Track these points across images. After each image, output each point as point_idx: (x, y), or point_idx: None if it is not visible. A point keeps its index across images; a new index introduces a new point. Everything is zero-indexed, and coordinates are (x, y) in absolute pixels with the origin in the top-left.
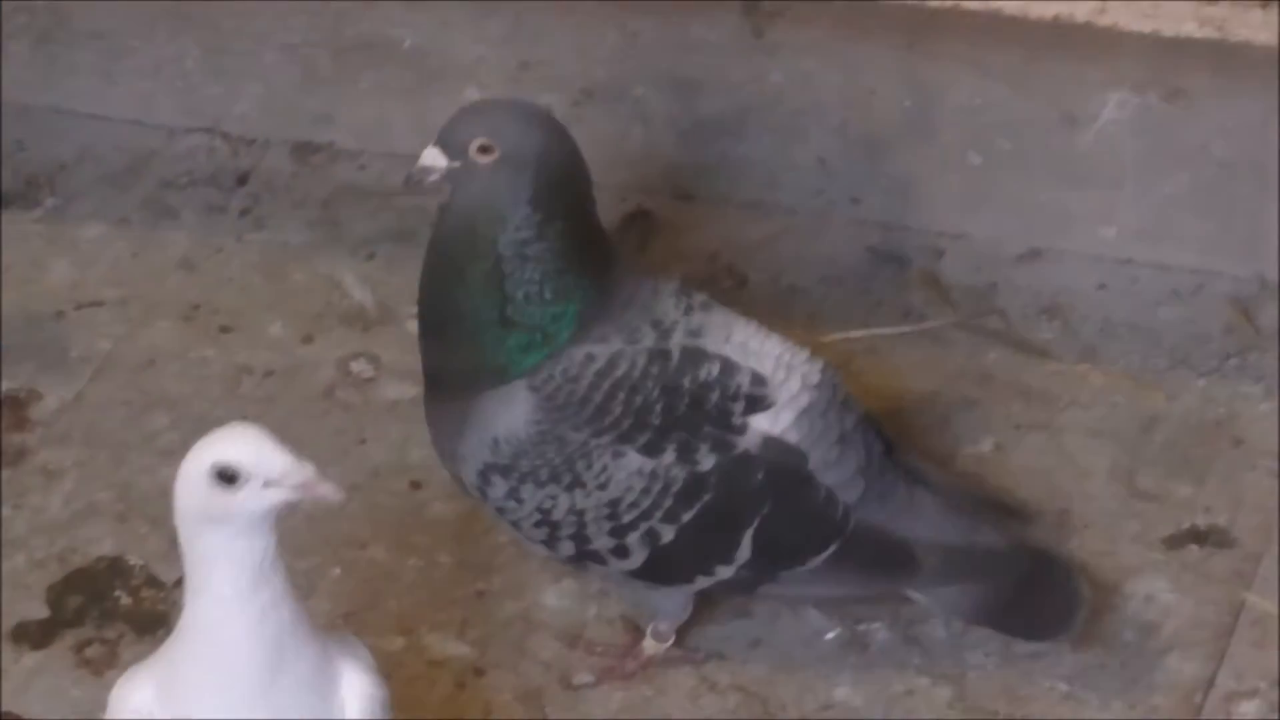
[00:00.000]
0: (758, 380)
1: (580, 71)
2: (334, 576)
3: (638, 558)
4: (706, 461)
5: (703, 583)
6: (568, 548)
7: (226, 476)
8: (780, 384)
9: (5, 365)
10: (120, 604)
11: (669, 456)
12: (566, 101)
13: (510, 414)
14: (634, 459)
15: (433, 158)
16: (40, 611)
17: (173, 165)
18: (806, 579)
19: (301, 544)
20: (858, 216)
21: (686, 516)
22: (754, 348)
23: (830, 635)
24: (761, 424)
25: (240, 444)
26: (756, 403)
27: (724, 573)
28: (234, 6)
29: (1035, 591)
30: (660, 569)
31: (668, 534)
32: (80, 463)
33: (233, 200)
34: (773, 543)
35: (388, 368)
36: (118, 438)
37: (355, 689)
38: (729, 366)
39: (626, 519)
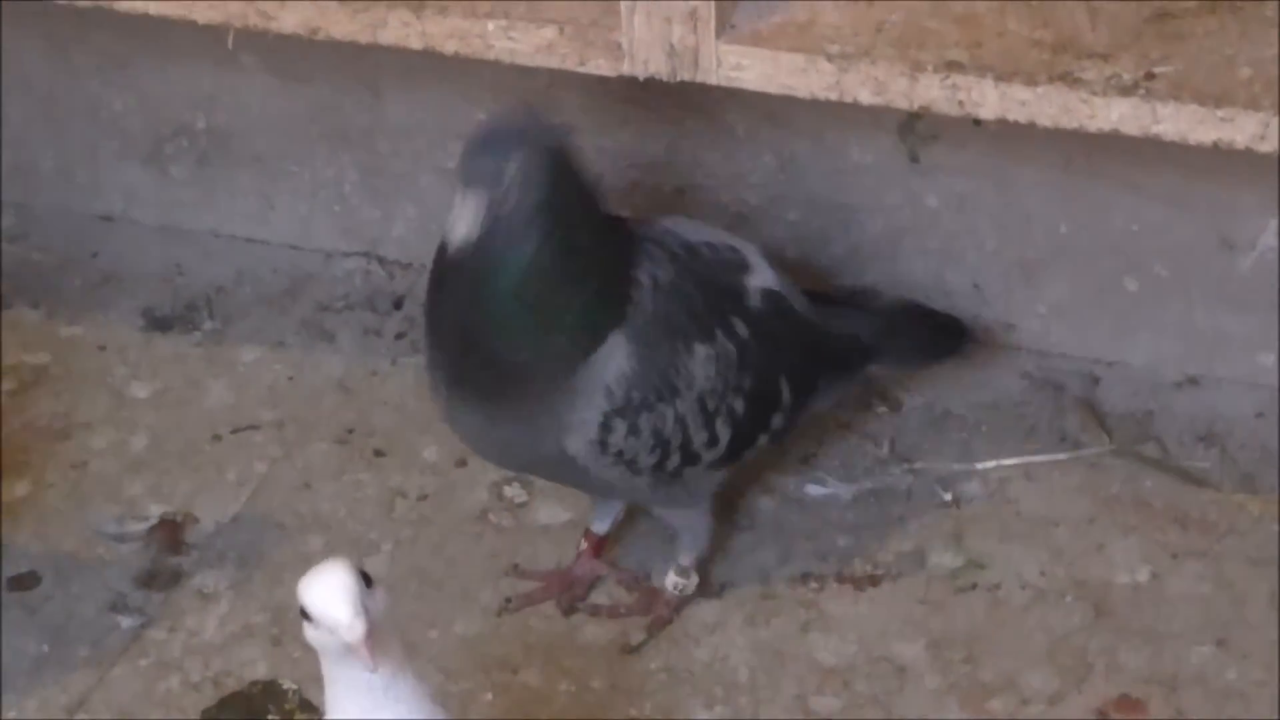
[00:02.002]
0: (731, 248)
1: (735, 196)
2: (486, 701)
3: (724, 438)
4: (742, 329)
5: (762, 440)
6: (675, 461)
7: (305, 615)
8: (740, 244)
9: (161, 488)
10: None
11: (720, 336)
12: (721, 225)
13: (615, 360)
14: (700, 350)
15: (477, 204)
16: None
17: (329, 288)
18: (818, 400)
19: (453, 667)
20: (1013, 342)
21: (748, 384)
22: (695, 227)
23: None
24: (754, 282)
25: (316, 589)
26: (744, 267)
27: (778, 422)
28: (391, 130)
29: (939, 329)
30: (738, 445)
31: (740, 406)
32: (235, 585)
33: (388, 324)
34: (801, 379)
35: (540, 491)
36: (273, 560)
37: None
38: (713, 245)
39: (711, 406)
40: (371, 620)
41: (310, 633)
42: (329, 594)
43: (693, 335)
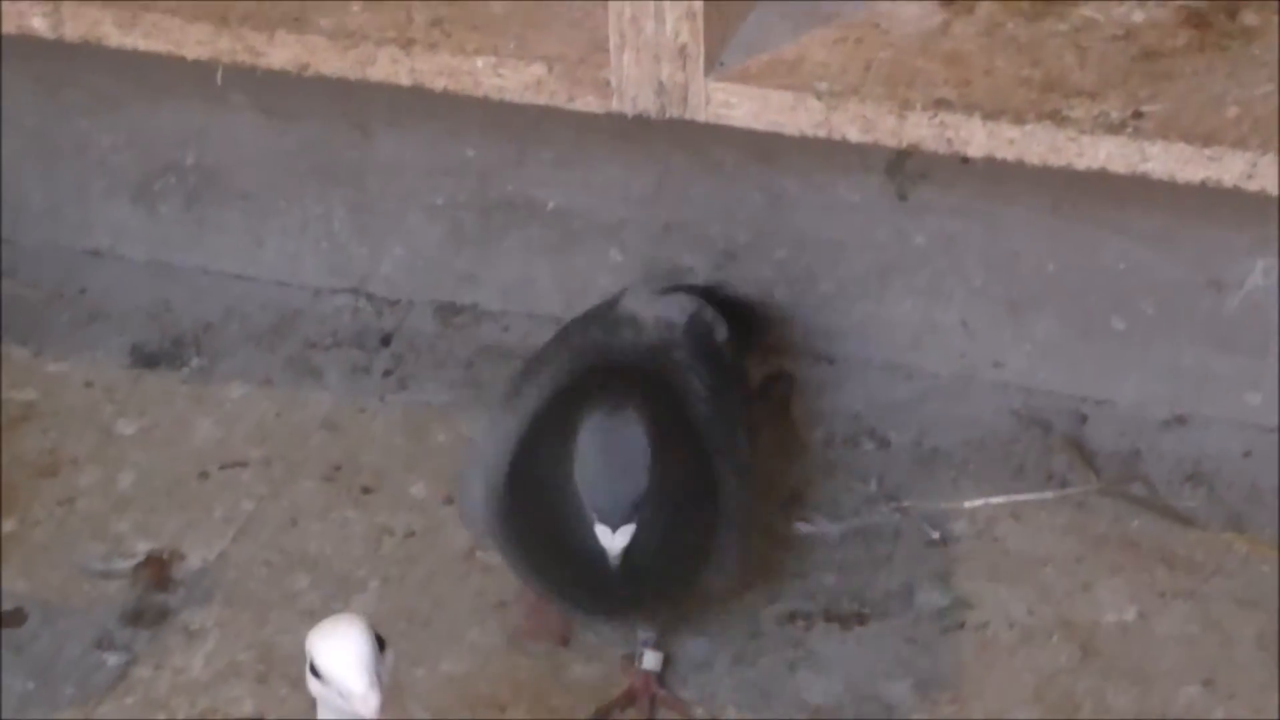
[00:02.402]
0: (702, 318)
1: (723, 233)
2: None
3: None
4: (738, 394)
5: None
6: None
7: (316, 672)
8: (695, 302)
9: (148, 525)
10: None
11: (739, 415)
12: (709, 264)
13: (728, 488)
14: (741, 438)
15: (626, 534)
16: None
17: (317, 325)
18: None
19: (441, 706)
20: (1000, 380)
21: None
22: (665, 304)
23: None
24: (719, 337)
25: (331, 651)
26: (713, 329)
27: None
28: (380, 167)
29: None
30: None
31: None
32: (222, 623)
33: (376, 361)
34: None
35: None
36: (259, 598)
37: None
38: (694, 319)
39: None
40: (383, 688)
41: (315, 687)
42: (344, 660)
43: (736, 425)
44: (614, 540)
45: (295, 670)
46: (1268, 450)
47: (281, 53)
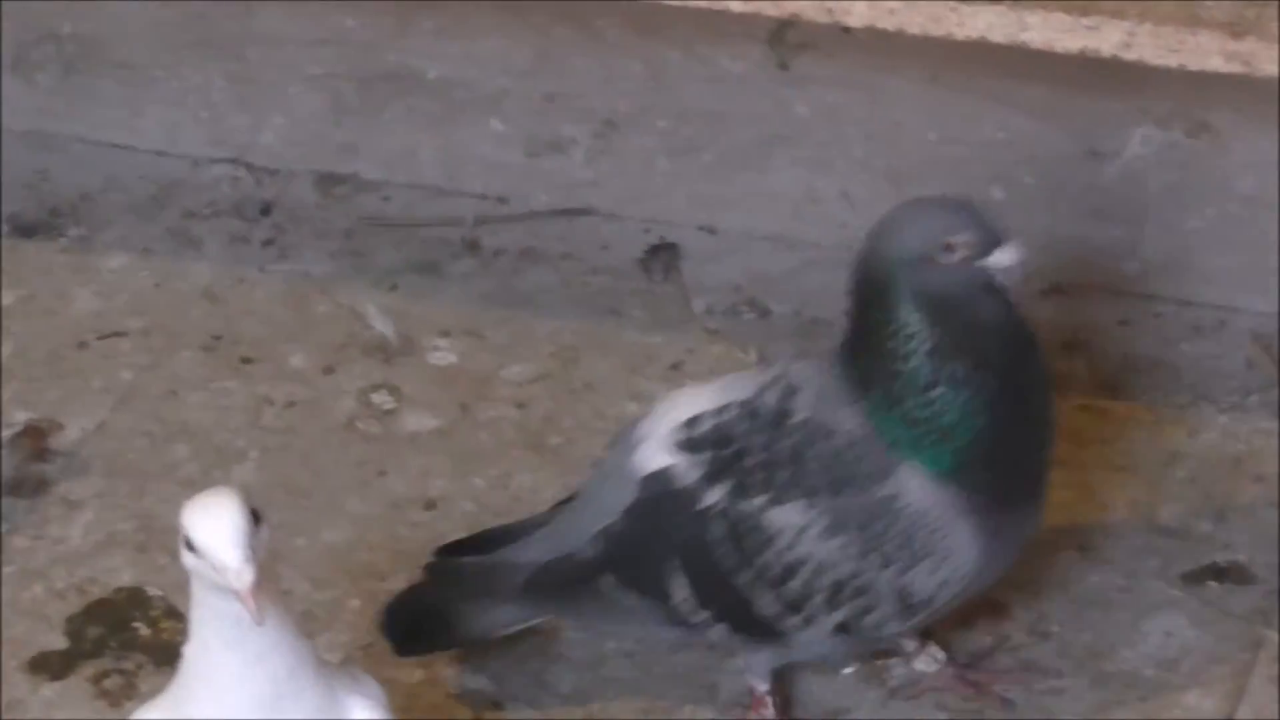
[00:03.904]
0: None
1: (604, 103)
2: (353, 608)
3: None
4: None
5: None
6: None
7: (191, 546)
8: None
9: (27, 395)
10: (139, 635)
11: None
12: (590, 133)
13: None
14: None
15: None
16: (59, 642)
17: (197, 195)
18: None
19: (321, 576)
20: None
21: None
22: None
23: (848, 671)
24: None
25: (206, 523)
26: None
27: None
28: (261, 37)
29: None
30: None
31: None
32: (101, 493)
33: (256, 231)
34: None
35: (408, 399)
36: (139, 468)
37: None
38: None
39: None
40: (258, 562)
41: (190, 560)
42: (218, 532)
43: None
44: (1017, 251)
45: (174, 541)
46: (1144, 318)
47: None
